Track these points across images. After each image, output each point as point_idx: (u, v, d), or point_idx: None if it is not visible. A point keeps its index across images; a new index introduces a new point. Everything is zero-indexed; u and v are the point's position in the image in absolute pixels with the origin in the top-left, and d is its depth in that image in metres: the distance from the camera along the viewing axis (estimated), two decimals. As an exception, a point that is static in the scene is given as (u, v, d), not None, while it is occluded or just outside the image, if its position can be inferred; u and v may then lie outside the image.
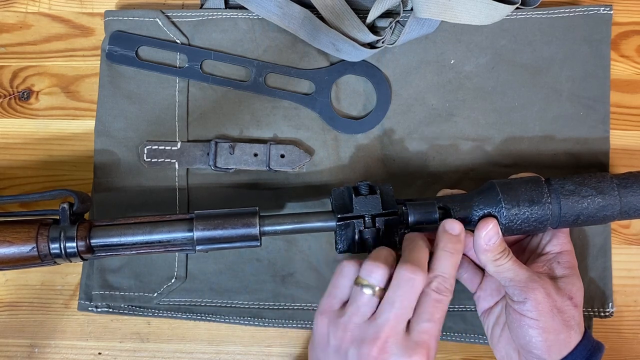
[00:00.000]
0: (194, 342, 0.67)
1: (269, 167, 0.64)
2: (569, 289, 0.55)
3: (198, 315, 0.65)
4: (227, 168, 0.64)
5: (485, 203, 0.55)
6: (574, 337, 0.54)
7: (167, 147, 0.64)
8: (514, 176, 0.58)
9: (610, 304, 0.64)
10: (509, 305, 0.55)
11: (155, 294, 0.64)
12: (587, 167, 0.65)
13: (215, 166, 0.63)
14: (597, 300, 0.64)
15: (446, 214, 0.55)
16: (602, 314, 0.64)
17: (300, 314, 0.65)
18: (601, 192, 0.55)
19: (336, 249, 0.55)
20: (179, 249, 0.55)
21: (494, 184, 0.55)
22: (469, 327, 0.65)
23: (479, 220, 0.54)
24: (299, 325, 0.65)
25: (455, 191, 0.59)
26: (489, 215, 0.54)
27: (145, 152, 0.64)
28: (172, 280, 0.64)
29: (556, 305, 0.54)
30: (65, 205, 0.55)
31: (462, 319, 0.65)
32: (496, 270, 0.54)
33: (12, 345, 0.66)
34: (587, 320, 0.64)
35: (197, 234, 0.54)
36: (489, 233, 0.53)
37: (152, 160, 0.64)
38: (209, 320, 0.65)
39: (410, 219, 0.54)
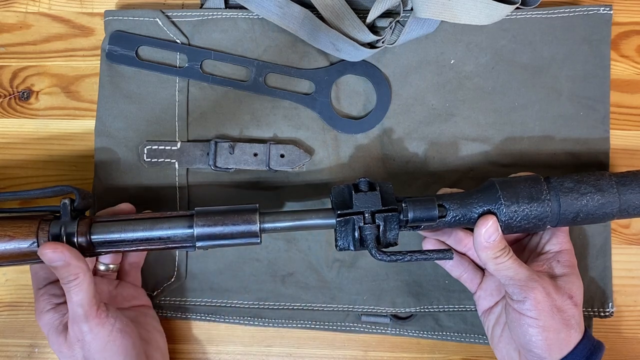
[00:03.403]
0: (194, 342, 0.66)
1: (268, 166, 0.64)
2: (569, 287, 0.55)
3: (198, 315, 0.65)
4: (227, 168, 0.64)
5: (485, 200, 0.55)
6: (574, 336, 0.54)
7: (167, 147, 0.64)
8: (513, 175, 0.58)
9: (610, 304, 0.64)
10: (508, 304, 0.55)
11: (155, 293, 0.64)
12: (587, 167, 0.65)
13: (215, 166, 0.63)
14: (597, 300, 0.64)
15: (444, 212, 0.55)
16: (602, 314, 0.64)
17: (300, 314, 0.65)
18: (600, 190, 0.55)
19: (336, 246, 0.55)
20: (179, 245, 0.55)
21: (494, 182, 0.55)
22: (469, 327, 0.65)
23: (479, 217, 0.54)
24: (299, 325, 0.65)
25: (455, 190, 0.59)
26: (489, 212, 0.54)
27: (145, 152, 0.64)
28: (172, 280, 0.64)
29: (556, 304, 0.54)
30: (67, 201, 0.54)
31: (462, 319, 0.65)
32: (496, 268, 0.54)
33: (12, 345, 0.66)
34: (587, 320, 0.64)
35: (197, 230, 0.54)
36: (489, 230, 0.53)
37: (152, 160, 0.64)
38: (209, 320, 0.65)
39: (410, 215, 0.54)
